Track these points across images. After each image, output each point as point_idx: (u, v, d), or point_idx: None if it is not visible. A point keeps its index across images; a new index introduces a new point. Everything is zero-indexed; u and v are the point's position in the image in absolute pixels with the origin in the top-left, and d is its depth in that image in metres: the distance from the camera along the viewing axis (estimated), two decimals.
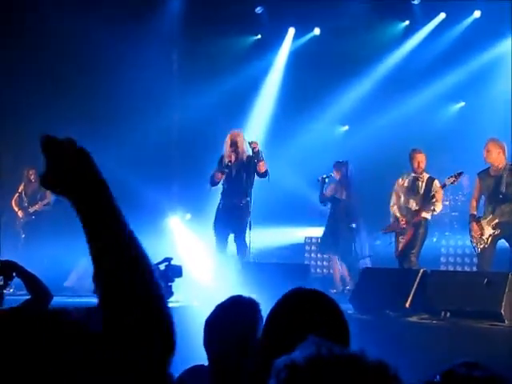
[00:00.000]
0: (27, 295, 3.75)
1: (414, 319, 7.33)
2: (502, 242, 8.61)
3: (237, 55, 13.13)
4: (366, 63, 12.75)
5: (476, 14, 12.40)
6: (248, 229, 9.31)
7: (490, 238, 8.44)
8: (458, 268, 10.62)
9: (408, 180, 9.22)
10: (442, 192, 9.21)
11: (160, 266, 5.03)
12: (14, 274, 3.65)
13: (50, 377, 1.32)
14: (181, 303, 7.82)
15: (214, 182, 9.52)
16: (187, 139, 12.56)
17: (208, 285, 8.61)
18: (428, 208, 8.98)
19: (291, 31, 13.43)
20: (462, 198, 11.67)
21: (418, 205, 9.05)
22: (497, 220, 8.45)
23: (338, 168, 10.16)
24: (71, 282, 9.93)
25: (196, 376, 2.86)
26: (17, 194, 11.40)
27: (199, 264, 9.36)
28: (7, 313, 1.45)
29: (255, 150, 9.27)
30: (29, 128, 11.45)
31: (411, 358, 6.40)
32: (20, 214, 11.30)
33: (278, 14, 12.86)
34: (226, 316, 2.68)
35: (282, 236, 11.98)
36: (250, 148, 9.34)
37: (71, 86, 11.74)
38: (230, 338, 2.54)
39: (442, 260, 10.98)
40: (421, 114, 12.45)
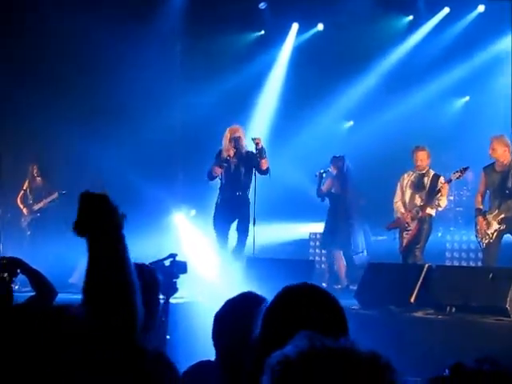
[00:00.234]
0: (32, 292, 3.77)
1: (419, 314, 7.33)
2: (506, 237, 8.60)
3: (240, 51, 13.10)
4: (370, 58, 12.71)
5: (480, 8, 12.37)
6: (252, 224, 9.30)
7: (496, 233, 8.43)
8: (462, 263, 10.60)
9: (414, 176, 9.20)
10: (448, 187, 9.20)
11: (165, 262, 5.03)
12: (19, 271, 3.66)
13: (51, 372, 1.32)
14: (185, 299, 7.83)
15: (212, 176, 9.46)
16: (191, 136, 12.54)
17: (213, 281, 8.61)
18: (433, 203, 8.96)
19: (295, 27, 13.39)
20: (467, 193, 11.64)
21: (423, 201, 9.03)
22: (503, 215, 8.44)
23: (335, 163, 10.18)
24: (76, 278, 9.93)
25: (202, 372, 2.86)
26: (22, 191, 11.37)
27: (204, 260, 9.35)
28: (11, 310, 1.46)
29: (258, 146, 9.23)
30: (29, 128, 11.46)
31: (416, 352, 6.41)
32: (25, 211, 11.28)
33: (281, 10, 12.84)
34: (236, 310, 2.69)
35: (286, 232, 11.97)
36: (252, 143, 9.30)
37: (71, 86, 11.72)
38: (238, 332, 2.55)
39: (447, 255, 10.96)
40: (425, 109, 12.42)
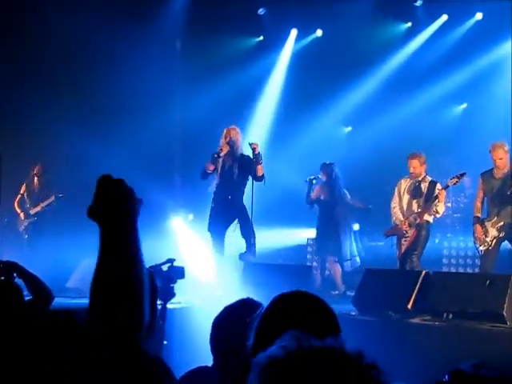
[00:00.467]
0: (28, 296, 3.76)
1: (417, 320, 7.32)
2: (504, 244, 8.60)
3: (239, 56, 13.10)
4: (369, 65, 12.73)
5: (478, 16, 12.40)
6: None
7: (495, 241, 8.43)
8: (460, 269, 10.61)
9: (411, 182, 9.21)
10: (445, 193, 9.20)
11: (163, 267, 5.02)
12: (15, 275, 3.66)
13: (48, 376, 1.33)
14: (183, 304, 7.81)
15: (204, 173, 9.33)
16: (190, 140, 12.53)
17: (210, 286, 8.60)
18: (430, 210, 8.96)
19: (293, 32, 13.41)
20: (464, 200, 11.65)
21: (420, 207, 9.03)
22: (502, 222, 8.44)
23: (325, 170, 10.23)
24: (73, 282, 9.92)
25: (199, 377, 2.86)
26: (19, 195, 11.33)
27: (202, 265, 9.33)
28: (14, 312, 1.47)
29: (255, 151, 9.19)
30: (29, 128, 11.45)
31: (413, 358, 6.41)
32: (22, 216, 11.25)
33: (280, 16, 12.85)
34: (234, 317, 2.70)
35: (284, 237, 11.97)
36: (249, 148, 9.26)
37: (71, 86, 11.72)
38: (236, 338, 2.55)
39: (445, 261, 10.96)
40: (423, 115, 12.43)
